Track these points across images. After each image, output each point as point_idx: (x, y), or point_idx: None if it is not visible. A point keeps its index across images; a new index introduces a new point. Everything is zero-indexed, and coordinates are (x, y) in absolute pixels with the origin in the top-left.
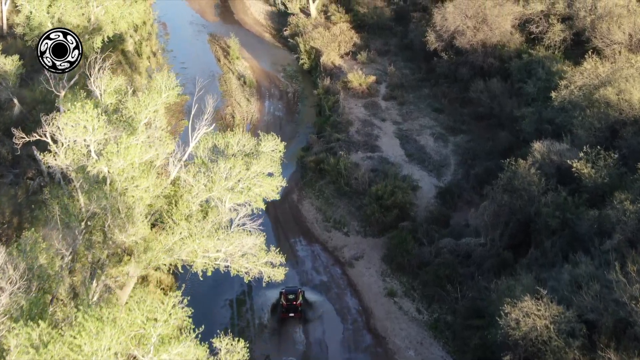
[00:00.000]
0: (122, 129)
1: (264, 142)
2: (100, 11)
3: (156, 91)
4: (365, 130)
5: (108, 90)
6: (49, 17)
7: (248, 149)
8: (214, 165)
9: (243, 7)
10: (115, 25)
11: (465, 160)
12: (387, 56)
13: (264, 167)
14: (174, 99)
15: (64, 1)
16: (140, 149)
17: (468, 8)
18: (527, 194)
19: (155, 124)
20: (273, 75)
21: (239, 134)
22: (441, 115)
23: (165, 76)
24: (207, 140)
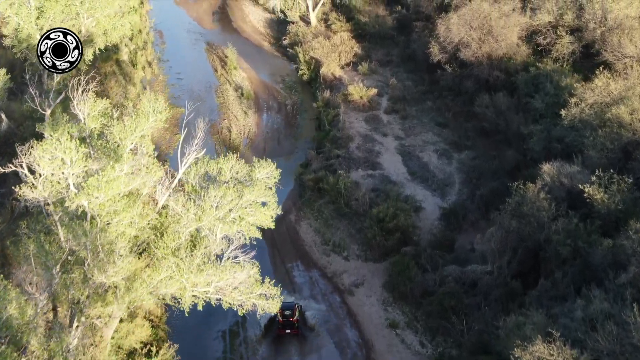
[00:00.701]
0: (105, 158)
1: (258, 168)
2: (91, 23)
3: (143, 115)
4: (366, 146)
5: (92, 113)
6: (38, 29)
7: (241, 176)
8: (204, 192)
9: (242, 14)
10: (107, 37)
11: (471, 179)
12: (389, 67)
13: (257, 196)
14: (162, 124)
15: (53, 13)
16: (124, 181)
17: (473, 19)
18: (536, 220)
19: (142, 150)
20: (271, 87)
21: (232, 159)
22: (445, 130)
23: (152, 99)
24: (198, 167)
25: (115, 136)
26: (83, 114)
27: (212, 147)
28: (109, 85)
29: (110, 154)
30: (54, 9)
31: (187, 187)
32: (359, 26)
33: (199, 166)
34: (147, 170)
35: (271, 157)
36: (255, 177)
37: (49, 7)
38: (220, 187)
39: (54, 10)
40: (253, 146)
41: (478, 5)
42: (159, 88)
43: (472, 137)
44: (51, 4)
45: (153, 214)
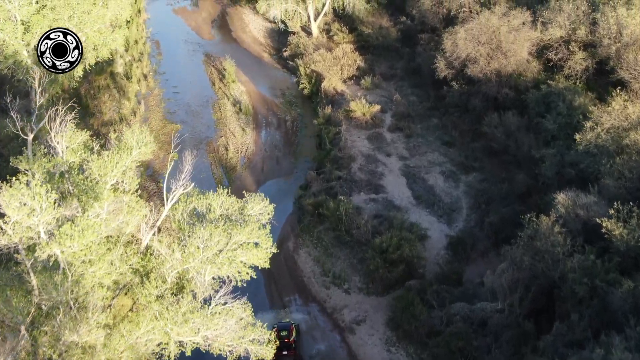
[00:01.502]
0: (83, 196)
1: (250, 203)
2: (80, 38)
3: (125, 149)
4: (369, 167)
5: (71, 146)
6: (24, 45)
7: (232, 213)
8: (190, 231)
9: (241, 24)
10: (97, 52)
11: (479, 204)
12: (392, 81)
13: (249, 236)
14: (147, 156)
15: (40, 28)
16: (100, 227)
17: (481, 34)
18: (551, 257)
19: (125, 187)
20: (271, 101)
21: (222, 195)
22: (451, 150)
23: (136, 131)
24: (185, 202)
25: (94, 173)
26: (62, 147)
27: (207, 167)
28: (102, 99)
29: (88, 192)
30: (41, 24)
31: (173, 224)
32: (362, 37)
33: (187, 202)
34: (128, 209)
35: (270, 177)
36: (248, 213)
37: (36, 23)
38: (207, 227)
39: (41, 25)
40: (251, 166)
41: (486, 19)
42: (154, 103)
43: (480, 157)
44: (37, 19)
45: (135, 258)
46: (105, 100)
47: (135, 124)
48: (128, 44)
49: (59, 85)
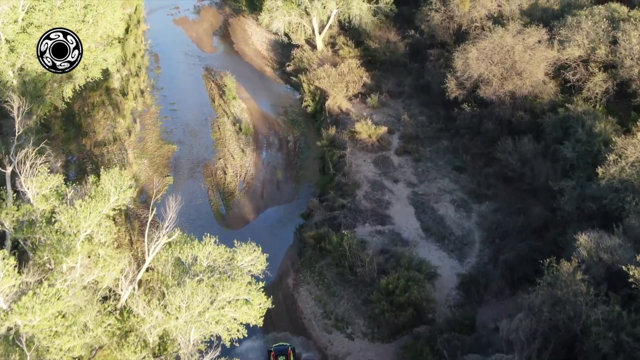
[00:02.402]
0: (53, 250)
1: (240, 253)
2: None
3: (102, 197)
4: (375, 194)
5: (42, 192)
6: (9, 66)
7: (221, 264)
8: (173, 286)
9: (244, 35)
10: (87, 72)
11: (493, 238)
12: (400, 98)
13: (237, 292)
14: (127, 201)
15: (26, 47)
16: (68, 293)
17: (494, 53)
18: (572, 307)
19: (100, 238)
20: (273, 120)
21: (209, 244)
22: (463, 176)
23: (115, 175)
24: (168, 253)
25: (64, 225)
26: (32, 192)
27: (204, 192)
28: (96, 117)
29: (58, 247)
30: (27, 43)
31: (156, 276)
32: (368, 52)
33: (170, 252)
34: (104, 263)
35: (270, 204)
36: (237, 265)
37: (21, 42)
38: (190, 283)
39: (27, 44)
40: (250, 191)
41: (500, 37)
42: (151, 121)
43: (493, 184)
44: (23, 38)
45: (111, 319)
46: (100, 118)
47: (115, 167)
48: (125, 57)
49: (46, 106)
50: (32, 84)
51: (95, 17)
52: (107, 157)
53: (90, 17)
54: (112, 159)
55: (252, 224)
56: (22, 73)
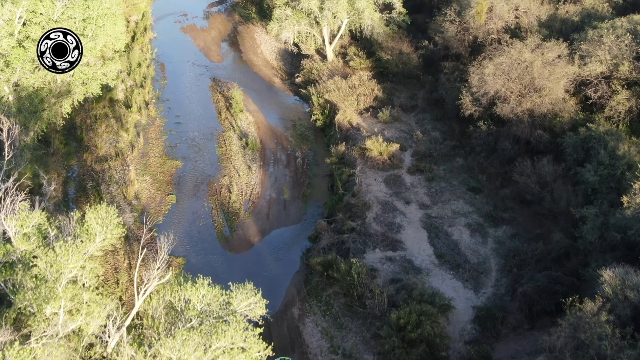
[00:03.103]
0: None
1: (238, 295)
2: (67, 73)
3: (87, 235)
4: (386, 217)
5: (22, 230)
6: (4, 82)
7: (216, 307)
8: (164, 334)
9: (253, 44)
10: (87, 88)
11: (510, 267)
12: (413, 113)
13: (232, 340)
14: (115, 241)
15: (22, 62)
16: (43, 354)
17: (512, 69)
18: (596, 351)
19: (84, 281)
20: (280, 134)
21: (204, 285)
22: (478, 197)
23: (102, 212)
24: (159, 296)
25: (44, 271)
26: (12, 231)
27: (208, 213)
28: (98, 130)
29: (38, 293)
30: (22, 58)
31: (145, 321)
32: (380, 63)
33: (161, 296)
34: (88, 309)
35: (276, 226)
36: (234, 309)
37: (16, 57)
38: (180, 332)
39: (22, 59)
40: (255, 211)
41: (518, 53)
42: (155, 135)
43: (510, 207)
44: (18, 53)
45: None
46: (102, 132)
47: (115, 185)
48: (130, 67)
49: (44, 122)
50: (28, 99)
51: (95, 31)
52: (109, 174)
53: (89, 30)
54: (114, 176)
55: (256, 247)
56: (17, 88)
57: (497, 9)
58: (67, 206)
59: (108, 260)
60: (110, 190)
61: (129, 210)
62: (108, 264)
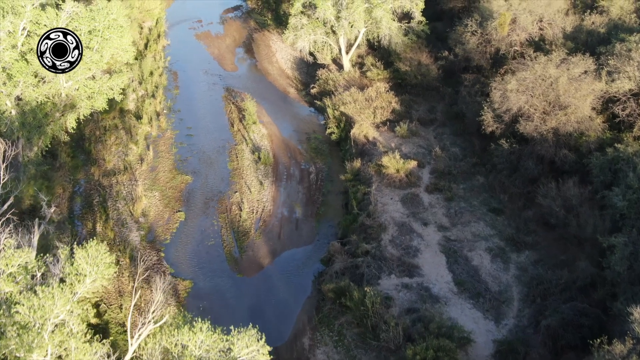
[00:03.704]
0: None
1: (239, 341)
2: (72, 87)
3: (76, 276)
4: (402, 239)
5: (8, 270)
6: (6, 96)
7: (215, 356)
8: None
9: (268, 52)
10: (93, 102)
11: (533, 296)
12: (432, 127)
13: None
14: (106, 282)
15: (24, 76)
16: None
17: (536, 85)
18: None
19: (71, 327)
20: (294, 148)
21: (203, 330)
22: (499, 218)
23: (92, 250)
24: (154, 341)
25: (26, 317)
26: None
27: (217, 231)
28: (107, 142)
29: (20, 341)
30: (25, 71)
31: None
32: (398, 74)
33: (159, 338)
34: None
35: (287, 246)
36: (235, 356)
37: (19, 70)
38: None
39: (25, 73)
40: (266, 231)
41: (542, 68)
42: (165, 148)
43: (533, 230)
44: (20, 66)
45: None
46: (111, 144)
47: (122, 201)
48: (142, 76)
49: (48, 137)
50: (32, 114)
51: (101, 43)
52: (116, 189)
53: (95, 43)
54: (121, 191)
55: (266, 270)
56: (20, 103)
57: (521, 21)
58: (72, 223)
59: (112, 282)
60: (117, 206)
61: (135, 229)
62: (112, 286)
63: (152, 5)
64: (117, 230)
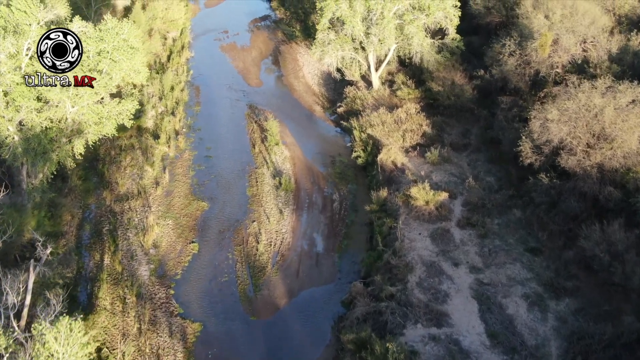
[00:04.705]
0: None
1: None
2: (78, 112)
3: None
4: (431, 282)
5: None
6: (7, 121)
7: None
8: None
9: (294, 66)
10: (101, 127)
11: (574, 354)
12: (465, 152)
13: None
14: None
15: (26, 100)
16: None
17: (579, 116)
18: None
19: None
20: (317, 172)
21: None
22: (537, 259)
23: (64, 328)
24: None
25: None
26: None
27: (232, 266)
28: (122, 163)
29: None
30: (27, 96)
31: None
32: (430, 94)
33: None
34: None
35: (306, 285)
36: None
37: (21, 95)
38: None
39: (28, 97)
40: (284, 266)
41: (586, 97)
42: (182, 170)
43: (574, 273)
44: (22, 91)
45: None
46: (126, 165)
47: (133, 231)
48: (163, 92)
49: (53, 164)
50: (36, 139)
51: (110, 66)
52: (128, 216)
53: (104, 64)
54: (133, 218)
55: (282, 312)
56: (24, 128)
57: (563, 41)
58: (80, 254)
59: (116, 323)
60: (128, 235)
61: (145, 262)
62: (115, 327)
63: (177, 16)
64: (125, 263)
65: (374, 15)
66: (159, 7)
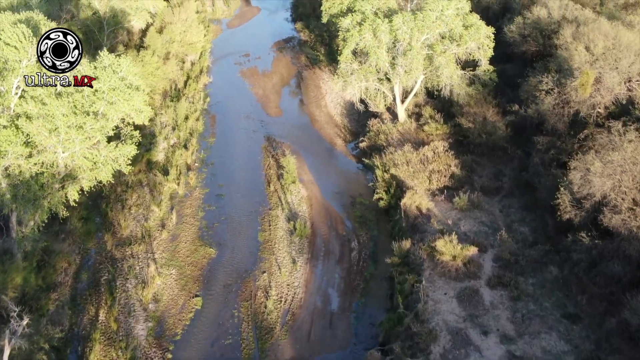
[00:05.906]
0: None
1: None
2: (70, 157)
3: None
4: (456, 354)
5: None
6: None
7: None
8: None
9: (317, 94)
10: (96, 173)
11: None
12: (497, 197)
13: None
14: None
15: (12, 146)
16: None
17: (625, 170)
18: None
19: None
20: (336, 215)
21: None
22: (576, 328)
23: None
24: None
25: None
26: None
27: (237, 325)
28: (127, 202)
29: None
30: (12, 141)
31: None
32: (460, 130)
33: None
34: None
35: (317, 351)
36: None
37: (5, 139)
38: None
39: (12, 142)
40: (295, 327)
41: (633, 149)
42: (191, 211)
43: (617, 346)
44: (7, 135)
45: None
46: (131, 204)
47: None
48: (176, 122)
49: (45, 211)
50: (24, 186)
51: (105, 108)
52: (129, 263)
53: (98, 106)
54: (134, 266)
55: None
56: (12, 174)
57: (606, 80)
58: (74, 307)
59: None
60: (127, 286)
61: (143, 319)
62: None
63: (195, 39)
64: (122, 320)
65: (400, 46)
66: (176, 29)
